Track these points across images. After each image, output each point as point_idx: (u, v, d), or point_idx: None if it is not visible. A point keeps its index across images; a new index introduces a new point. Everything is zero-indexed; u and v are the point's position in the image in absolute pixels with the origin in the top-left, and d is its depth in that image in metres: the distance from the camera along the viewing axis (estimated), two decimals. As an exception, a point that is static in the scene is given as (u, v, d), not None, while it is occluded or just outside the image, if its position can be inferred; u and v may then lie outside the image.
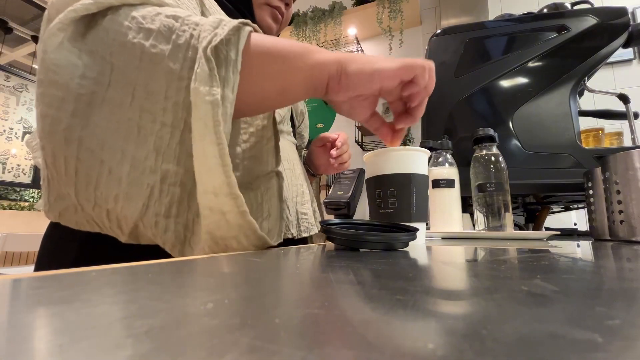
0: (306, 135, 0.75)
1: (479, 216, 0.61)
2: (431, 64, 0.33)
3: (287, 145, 0.56)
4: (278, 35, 0.64)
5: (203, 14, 0.42)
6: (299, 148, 0.72)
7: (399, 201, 0.38)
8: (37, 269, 0.39)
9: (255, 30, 0.33)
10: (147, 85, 0.28)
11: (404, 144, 2.17)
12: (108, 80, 0.28)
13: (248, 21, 0.32)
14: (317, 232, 0.56)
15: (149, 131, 0.28)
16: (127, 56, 0.28)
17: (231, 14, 0.50)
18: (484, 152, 0.63)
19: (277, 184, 0.40)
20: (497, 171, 0.60)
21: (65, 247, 0.36)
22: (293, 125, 0.63)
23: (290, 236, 0.47)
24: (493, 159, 0.61)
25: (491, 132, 0.62)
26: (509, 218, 0.58)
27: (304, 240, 0.53)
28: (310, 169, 0.70)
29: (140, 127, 0.28)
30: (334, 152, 0.64)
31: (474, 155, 0.64)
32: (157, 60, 0.28)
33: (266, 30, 0.59)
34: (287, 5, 0.59)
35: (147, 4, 0.31)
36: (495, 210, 0.58)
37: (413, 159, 0.39)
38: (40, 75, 0.28)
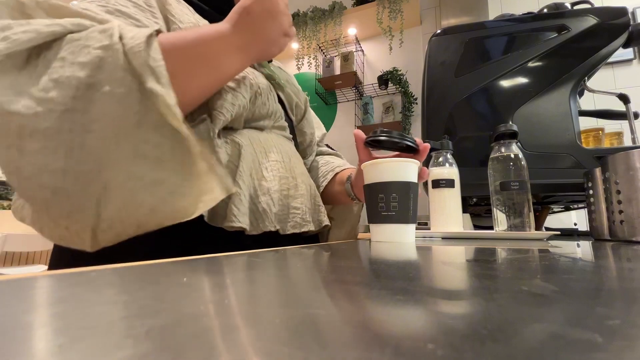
0: (309, 132, 0.72)
1: (500, 216, 0.59)
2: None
3: (280, 140, 0.55)
4: None
5: (167, 24, 0.44)
6: (301, 144, 0.70)
7: (399, 205, 0.42)
8: (51, 266, 0.42)
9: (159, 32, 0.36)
10: (86, 109, 0.30)
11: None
12: (34, 111, 0.29)
13: (158, 27, 0.35)
14: (314, 230, 0.54)
15: (93, 146, 0.30)
16: (63, 89, 0.30)
17: (209, 16, 0.50)
18: (504, 149, 0.61)
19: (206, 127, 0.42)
20: (519, 169, 0.58)
21: (63, 250, 0.37)
22: (289, 120, 0.61)
23: (272, 229, 0.46)
24: (513, 156, 0.59)
25: (514, 127, 0.60)
26: (531, 217, 0.57)
27: (298, 237, 0.52)
28: (355, 191, 0.60)
29: (83, 146, 0.30)
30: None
31: (493, 152, 0.62)
32: (95, 87, 0.30)
33: None
34: None
35: (70, 32, 0.32)
36: (518, 209, 0.57)
37: (410, 169, 0.44)
38: None
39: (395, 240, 0.43)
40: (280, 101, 0.57)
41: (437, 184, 0.60)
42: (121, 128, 0.30)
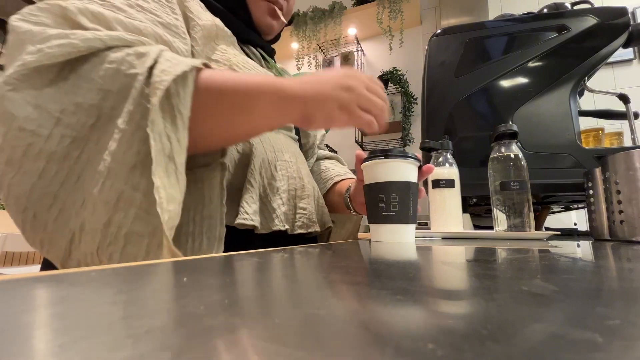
0: (312, 134, 0.71)
1: (500, 216, 0.59)
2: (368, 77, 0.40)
3: (287, 140, 0.55)
4: (280, 33, 0.63)
5: (186, 20, 0.42)
6: (304, 146, 0.70)
7: (400, 205, 0.42)
8: (43, 268, 0.41)
9: (207, 66, 0.35)
10: (99, 141, 0.29)
11: (404, 144, 2.17)
12: (48, 133, 0.29)
13: (202, 61, 0.33)
14: (319, 230, 0.54)
15: (84, 181, 0.29)
16: (82, 116, 0.29)
17: (221, 15, 0.49)
18: (504, 149, 0.61)
19: (220, 175, 0.39)
20: (519, 169, 0.58)
21: None
22: None
23: (282, 228, 0.46)
24: (513, 156, 0.59)
25: (514, 127, 0.60)
26: (531, 217, 0.57)
27: (301, 237, 0.52)
28: (353, 205, 0.60)
29: (79, 177, 0.29)
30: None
31: (493, 152, 0.62)
32: (113, 118, 0.29)
33: (265, 29, 0.57)
34: None
35: (105, 48, 0.31)
36: (518, 209, 0.57)
37: (410, 169, 0.44)
38: None
39: (395, 240, 0.43)
40: None
41: (437, 184, 0.60)
42: (115, 165, 0.28)
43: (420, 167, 0.47)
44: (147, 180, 0.28)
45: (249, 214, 0.41)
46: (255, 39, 0.56)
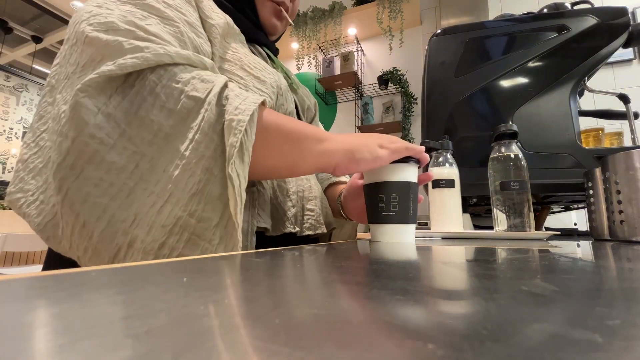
0: None
1: (500, 216, 0.59)
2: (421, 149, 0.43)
3: None
4: (283, 33, 0.63)
5: (203, 21, 0.42)
6: None
7: (399, 205, 0.42)
8: (45, 268, 0.41)
9: (264, 104, 0.36)
10: (153, 159, 0.30)
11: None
12: (113, 143, 0.30)
13: (263, 99, 0.35)
14: (325, 231, 0.54)
15: (137, 197, 0.30)
16: (143, 130, 0.30)
17: (230, 13, 0.49)
18: (504, 149, 0.61)
19: (250, 201, 0.41)
20: (519, 169, 0.58)
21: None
22: None
23: (292, 230, 0.46)
24: (513, 156, 0.59)
25: (514, 127, 0.60)
26: (531, 217, 0.57)
27: (306, 238, 0.52)
28: (345, 211, 0.60)
29: (130, 193, 0.30)
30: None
31: (493, 152, 0.62)
32: (170, 140, 0.30)
33: (269, 29, 0.57)
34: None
35: (173, 64, 0.33)
36: (518, 209, 0.57)
37: (410, 170, 0.44)
38: (60, 127, 0.30)
39: (395, 240, 0.43)
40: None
41: (437, 184, 0.60)
42: (177, 192, 0.29)
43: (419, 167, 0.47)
44: (202, 206, 0.30)
45: (261, 217, 0.41)
46: (261, 38, 0.56)
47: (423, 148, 0.44)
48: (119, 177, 0.30)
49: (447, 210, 0.60)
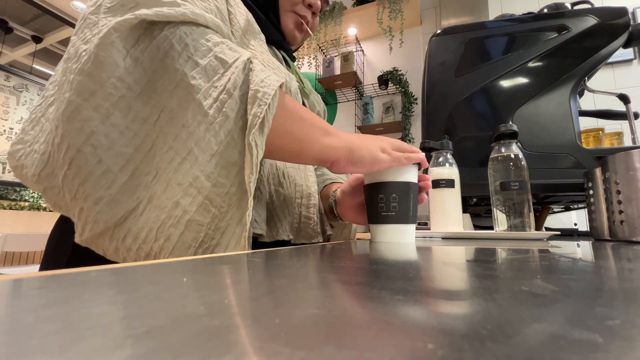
0: None
1: (500, 216, 0.59)
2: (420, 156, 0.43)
3: None
4: (301, 44, 0.64)
5: (229, 12, 0.42)
6: None
7: (399, 205, 0.43)
8: (41, 269, 0.40)
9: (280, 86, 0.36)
10: (173, 111, 0.30)
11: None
12: (140, 90, 0.29)
13: (284, 80, 0.34)
14: (322, 241, 0.53)
15: (157, 151, 0.29)
16: (166, 78, 0.30)
17: (253, 12, 0.49)
18: (504, 149, 0.61)
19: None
20: (519, 169, 0.58)
21: (61, 250, 0.36)
22: None
23: (286, 238, 0.45)
24: (513, 156, 0.59)
25: (514, 127, 0.60)
26: (531, 217, 0.57)
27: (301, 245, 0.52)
28: (338, 210, 0.57)
29: (153, 145, 0.29)
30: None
31: (493, 152, 0.62)
32: (192, 92, 0.29)
33: (289, 39, 0.58)
34: (314, 14, 0.59)
35: (205, 26, 0.33)
36: (518, 209, 0.57)
37: (410, 170, 0.44)
38: (81, 65, 0.29)
39: (395, 240, 0.43)
40: None
41: (437, 184, 0.60)
42: (197, 150, 0.29)
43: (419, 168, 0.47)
44: (219, 170, 0.30)
45: (257, 223, 0.41)
46: (280, 41, 0.57)
47: (423, 156, 0.44)
48: (143, 127, 0.29)
49: (447, 210, 0.60)
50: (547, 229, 0.90)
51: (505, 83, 0.79)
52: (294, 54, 0.64)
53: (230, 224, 0.31)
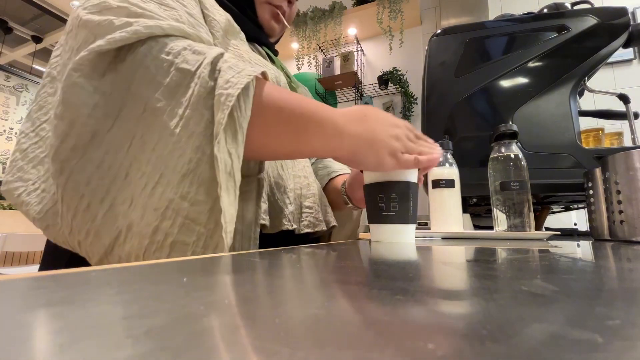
0: None
1: (500, 216, 0.59)
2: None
3: None
4: (281, 35, 0.64)
5: (206, 16, 0.42)
6: None
7: (399, 205, 0.42)
8: (41, 269, 0.40)
9: (265, 77, 0.34)
10: (143, 136, 0.29)
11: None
12: (111, 124, 0.29)
13: (262, 70, 0.33)
14: (325, 229, 0.54)
15: (132, 179, 0.29)
16: (133, 106, 0.29)
17: (231, 12, 0.50)
18: (504, 149, 0.61)
19: (257, 190, 0.40)
20: (519, 169, 0.58)
21: (61, 250, 0.36)
22: None
23: (290, 227, 0.45)
24: (513, 156, 0.59)
25: (514, 127, 0.60)
26: (531, 217, 0.57)
27: (306, 236, 0.52)
28: (351, 199, 0.59)
29: (127, 174, 0.29)
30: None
31: (493, 152, 0.62)
32: (158, 114, 0.29)
33: (267, 30, 0.58)
34: (290, 3, 0.59)
35: (164, 35, 0.31)
36: (518, 209, 0.57)
37: (410, 170, 0.43)
38: (55, 108, 0.30)
39: (395, 240, 0.43)
40: None
41: (437, 184, 0.60)
42: (167, 172, 0.28)
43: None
44: (195, 189, 0.28)
45: (260, 214, 0.41)
46: (262, 37, 0.57)
47: (437, 156, 0.42)
48: (117, 157, 0.29)
49: (447, 210, 0.60)
50: (547, 229, 0.90)
51: (505, 83, 0.79)
52: (276, 49, 0.64)
53: (221, 241, 0.29)
